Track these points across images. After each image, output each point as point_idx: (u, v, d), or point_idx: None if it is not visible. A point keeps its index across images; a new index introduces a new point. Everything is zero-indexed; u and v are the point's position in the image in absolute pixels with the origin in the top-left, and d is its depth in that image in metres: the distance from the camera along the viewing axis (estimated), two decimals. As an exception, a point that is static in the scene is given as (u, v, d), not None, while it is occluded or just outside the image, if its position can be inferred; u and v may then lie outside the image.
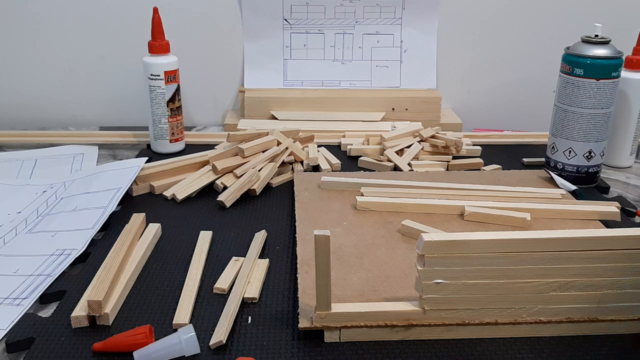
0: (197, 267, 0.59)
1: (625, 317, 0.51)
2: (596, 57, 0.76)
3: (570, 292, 0.49)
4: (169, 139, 0.91)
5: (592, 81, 0.76)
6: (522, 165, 0.89)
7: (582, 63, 0.77)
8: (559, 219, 0.69)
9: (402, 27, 1.08)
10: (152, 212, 0.71)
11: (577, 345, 0.50)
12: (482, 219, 0.68)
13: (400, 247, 0.62)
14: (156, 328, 0.51)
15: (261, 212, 0.73)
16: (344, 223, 0.67)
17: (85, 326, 0.51)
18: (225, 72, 1.09)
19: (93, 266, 0.59)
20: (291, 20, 1.07)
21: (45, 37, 1.05)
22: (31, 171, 0.86)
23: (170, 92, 0.88)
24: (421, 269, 0.47)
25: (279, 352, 0.48)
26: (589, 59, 0.77)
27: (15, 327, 0.51)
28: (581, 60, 0.77)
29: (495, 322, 0.50)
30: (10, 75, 1.07)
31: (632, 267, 0.48)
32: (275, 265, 0.61)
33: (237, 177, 0.77)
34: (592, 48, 0.77)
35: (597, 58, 0.76)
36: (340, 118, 1.01)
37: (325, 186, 0.76)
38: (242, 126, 0.98)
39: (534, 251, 0.47)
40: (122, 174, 0.76)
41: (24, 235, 0.67)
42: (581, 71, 0.77)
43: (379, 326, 0.49)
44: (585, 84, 0.77)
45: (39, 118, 1.09)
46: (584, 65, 0.77)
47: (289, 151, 0.84)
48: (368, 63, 1.08)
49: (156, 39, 0.87)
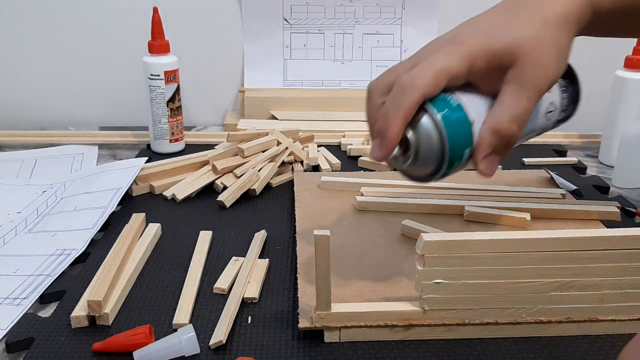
0: (197, 267, 0.59)
1: (625, 317, 0.51)
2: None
3: (570, 292, 0.49)
4: (168, 139, 0.91)
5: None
6: (522, 165, 0.89)
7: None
8: (559, 219, 0.69)
9: (402, 27, 1.08)
10: (152, 212, 0.71)
11: (577, 345, 0.50)
12: (482, 219, 0.68)
13: (400, 247, 0.62)
14: (156, 328, 0.51)
15: (261, 212, 0.73)
16: (344, 223, 0.67)
17: (85, 326, 0.51)
18: (225, 72, 1.09)
19: (93, 266, 0.58)
20: (291, 20, 1.07)
21: (45, 36, 1.05)
22: (31, 171, 0.86)
23: (170, 92, 0.88)
24: (421, 269, 0.47)
25: (279, 352, 0.48)
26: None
27: (15, 327, 0.51)
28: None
29: (495, 322, 0.50)
30: (10, 75, 1.07)
31: (632, 267, 0.48)
32: (275, 265, 0.61)
33: (237, 177, 0.77)
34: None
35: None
36: (340, 118, 1.01)
37: (325, 186, 0.76)
38: (242, 126, 0.98)
39: (534, 251, 0.47)
40: (122, 174, 0.76)
41: (24, 235, 0.67)
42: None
43: (379, 326, 0.49)
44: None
45: (39, 118, 1.09)
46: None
47: (289, 151, 0.84)
48: (368, 63, 1.08)
49: (156, 39, 0.87)
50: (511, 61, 0.45)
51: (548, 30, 0.46)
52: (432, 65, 0.45)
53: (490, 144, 0.46)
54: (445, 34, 0.48)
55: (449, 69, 0.45)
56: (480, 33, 0.46)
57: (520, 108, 0.45)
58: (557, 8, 0.46)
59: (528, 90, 0.45)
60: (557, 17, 0.46)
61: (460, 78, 0.46)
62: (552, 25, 0.46)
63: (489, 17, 0.48)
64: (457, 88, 0.47)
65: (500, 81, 0.46)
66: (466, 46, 0.45)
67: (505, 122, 0.45)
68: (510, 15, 0.47)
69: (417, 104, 0.45)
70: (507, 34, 0.45)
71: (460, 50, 0.45)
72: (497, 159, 0.47)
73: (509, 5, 0.48)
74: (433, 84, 0.45)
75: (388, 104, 0.46)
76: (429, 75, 0.44)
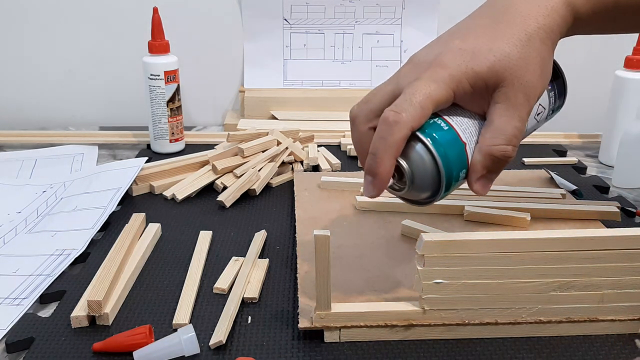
0: (197, 267, 0.59)
1: (625, 317, 0.51)
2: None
3: (570, 292, 0.49)
4: (168, 139, 0.91)
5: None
6: (522, 165, 0.89)
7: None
8: (559, 219, 0.69)
9: (402, 27, 1.08)
10: (152, 212, 0.71)
11: (577, 345, 0.50)
12: (482, 219, 0.68)
13: (400, 247, 0.62)
14: (156, 328, 0.51)
15: (261, 212, 0.73)
16: (344, 223, 0.67)
17: (85, 326, 0.51)
18: (225, 72, 1.09)
19: (93, 266, 0.59)
20: (291, 20, 1.07)
21: (45, 36, 1.05)
22: (31, 171, 0.86)
23: (170, 92, 0.88)
24: (421, 269, 0.47)
25: (279, 352, 0.48)
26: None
27: (15, 327, 0.51)
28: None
29: (495, 322, 0.50)
30: (10, 75, 1.07)
31: (632, 267, 0.48)
32: (275, 265, 0.61)
33: (237, 177, 0.77)
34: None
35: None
36: (340, 118, 1.01)
37: (325, 186, 0.76)
38: (242, 126, 0.98)
39: (534, 251, 0.47)
40: (122, 174, 0.76)
41: (24, 235, 0.67)
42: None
43: (379, 326, 0.49)
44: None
45: (39, 118, 1.09)
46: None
47: (289, 151, 0.84)
48: (368, 63, 1.08)
49: (156, 39, 0.87)
50: (497, 83, 0.44)
51: (532, 46, 0.44)
52: (416, 94, 0.43)
53: (484, 166, 0.45)
54: (424, 52, 0.47)
55: (434, 97, 0.43)
56: (462, 55, 0.44)
57: (513, 129, 0.44)
58: (539, 21, 0.45)
59: (518, 109, 0.44)
60: (539, 31, 0.45)
61: (446, 103, 0.45)
62: (535, 40, 0.45)
63: (468, 34, 0.46)
64: (443, 110, 0.46)
65: (486, 101, 0.45)
66: (449, 71, 0.44)
67: (499, 144, 0.44)
68: (491, 32, 0.45)
69: (405, 139, 0.43)
70: (490, 54, 0.44)
71: (443, 75, 0.44)
72: (492, 178, 0.46)
73: (487, 18, 0.46)
74: (420, 115, 0.43)
75: (375, 140, 0.44)
76: (415, 107, 0.43)
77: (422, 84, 0.43)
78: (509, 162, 0.46)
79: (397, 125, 0.43)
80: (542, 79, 0.46)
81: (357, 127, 0.47)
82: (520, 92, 0.44)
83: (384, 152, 0.43)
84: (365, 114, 0.47)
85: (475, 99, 0.45)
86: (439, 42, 0.47)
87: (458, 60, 0.44)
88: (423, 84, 0.43)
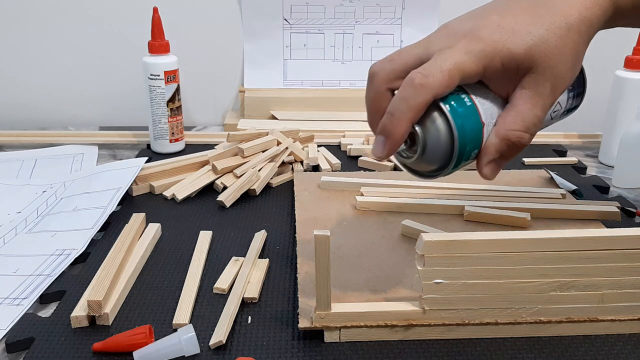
0: (197, 267, 0.59)
1: (625, 317, 0.51)
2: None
3: (570, 292, 0.49)
4: (168, 139, 0.91)
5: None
6: (522, 165, 0.89)
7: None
8: (559, 219, 0.69)
9: (402, 27, 1.08)
10: (152, 212, 0.71)
11: (577, 345, 0.50)
12: (482, 219, 0.68)
13: (400, 247, 0.62)
14: (156, 328, 0.51)
15: (261, 212, 0.73)
16: (344, 223, 0.67)
17: (85, 326, 0.51)
18: (225, 72, 1.09)
19: (93, 266, 0.59)
20: (291, 20, 1.07)
21: (45, 36, 1.05)
22: (31, 171, 0.86)
23: (170, 92, 0.88)
24: (421, 269, 0.47)
25: (279, 352, 0.48)
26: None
27: (15, 327, 0.51)
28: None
29: (495, 322, 0.50)
30: (10, 75, 1.07)
31: (632, 267, 0.48)
32: (275, 265, 0.61)
33: (237, 177, 0.77)
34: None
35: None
36: (340, 118, 1.01)
37: (325, 186, 0.76)
38: (242, 126, 0.98)
39: (534, 251, 0.47)
40: (122, 174, 0.76)
41: (24, 235, 0.67)
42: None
43: (378, 326, 0.49)
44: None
45: (39, 118, 1.09)
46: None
47: (289, 151, 0.84)
48: (368, 63, 1.08)
49: (156, 39, 0.87)
50: (529, 67, 0.43)
51: (570, 37, 0.43)
52: (446, 62, 0.42)
53: (498, 150, 0.44)
54: (459, 21, 0.45)
55: (464, 69, 0.42)
56: (500, 31, 0.43)
57: (535, 117, 0.44)
58: (581, 12, 0.44)
59: (544, 99, 0.44)
60: (579, 24, 0.44)
61: (474, 78, 0.44)
62: (574, 31, 0.44)
63: (508, 12, 0.44)
64: (467, 85, 0.44)
65: (512, 84, 0.44)
66: (483, 45, 0.42)
67: (518, 130, 0.44)
68: (531, 15, 0.44)
69: (427, 104, 0.42)
70: (528, 37, 0.43)
71: (477, 48, 0.42)
72: (502, 164, 0.46)
73: (527, 0, 0.45)
74: (447, 84, 0.42)
75: (396, 101, 0.43)
76: (444, 75, 0.42)
77: (454, 53, 0.42)
78: (521, 150, 0.45)
79: (423, 88, 0.42)
80: (572, 72, 0.45)
81: (374, 84, 0.46)
82: (549, 82, 0.43)
83: (403, 113, 0.42)
84: (387, 73, 0.45)
85: (502, 80, 0.44)
86: (474, 14, 0.46)
87: (495, 37, 0.43)
88: (455, 53, 0.42)
